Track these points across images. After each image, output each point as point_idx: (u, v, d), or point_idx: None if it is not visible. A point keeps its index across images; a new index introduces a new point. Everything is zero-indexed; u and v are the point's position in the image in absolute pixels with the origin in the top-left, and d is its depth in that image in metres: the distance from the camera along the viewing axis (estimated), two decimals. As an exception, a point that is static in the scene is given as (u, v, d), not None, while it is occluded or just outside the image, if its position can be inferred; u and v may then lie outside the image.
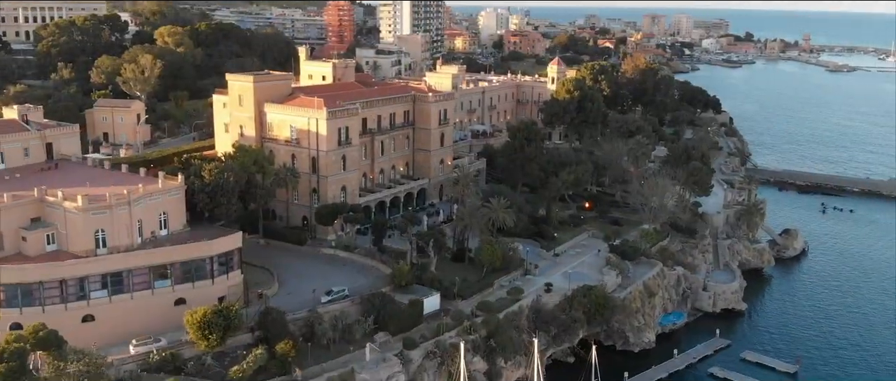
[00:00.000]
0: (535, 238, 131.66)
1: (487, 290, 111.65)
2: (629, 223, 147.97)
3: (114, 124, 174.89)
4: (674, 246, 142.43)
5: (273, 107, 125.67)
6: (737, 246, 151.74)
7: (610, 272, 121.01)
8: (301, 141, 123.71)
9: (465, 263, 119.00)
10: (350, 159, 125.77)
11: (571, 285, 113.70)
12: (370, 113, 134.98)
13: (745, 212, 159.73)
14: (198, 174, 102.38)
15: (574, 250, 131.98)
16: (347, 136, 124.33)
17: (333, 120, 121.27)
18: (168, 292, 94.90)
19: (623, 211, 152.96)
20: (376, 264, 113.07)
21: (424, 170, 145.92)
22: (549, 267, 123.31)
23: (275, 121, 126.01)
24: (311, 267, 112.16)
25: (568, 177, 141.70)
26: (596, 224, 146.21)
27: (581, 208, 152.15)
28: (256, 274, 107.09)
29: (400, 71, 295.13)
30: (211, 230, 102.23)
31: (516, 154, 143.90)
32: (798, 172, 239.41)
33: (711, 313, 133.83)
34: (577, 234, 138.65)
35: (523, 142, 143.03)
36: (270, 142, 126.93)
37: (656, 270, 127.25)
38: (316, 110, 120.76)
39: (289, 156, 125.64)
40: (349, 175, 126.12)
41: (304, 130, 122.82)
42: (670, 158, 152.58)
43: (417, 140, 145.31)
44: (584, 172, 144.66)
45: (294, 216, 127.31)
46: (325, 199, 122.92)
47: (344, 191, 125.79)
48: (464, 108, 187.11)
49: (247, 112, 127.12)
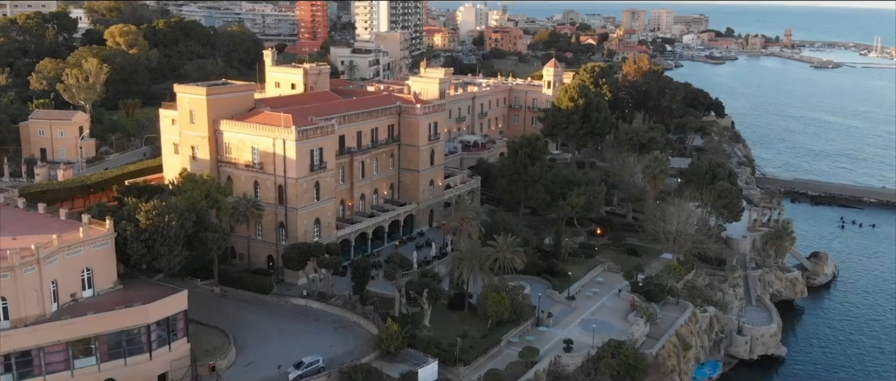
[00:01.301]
0: (543, 276, 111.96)
1: (494, 350, 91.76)
2: (647, 252, 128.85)
3: (52, 139, 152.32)
4: (701, 280, 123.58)
5: (231, 125, 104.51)
6: (768, 277, 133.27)
7: (637, 321, 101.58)
8: (265, 166, 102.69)
9: (465, 310, 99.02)
10: (324, 187, 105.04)
11: (594, 340, 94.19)
12: (348, 130, 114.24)
13: (773, 236, 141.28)
14: (131, 218, 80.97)
15: (590, 289, 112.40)
16: (321, 159, 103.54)
17: (304, 141, 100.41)
18: (92, 374, 73.90)
19: (638, 236, 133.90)
20: (357, 319, 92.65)
21: (412, 193, 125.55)
22: (564, 314, 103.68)
23: (233, 141, 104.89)
24: (277, 324, 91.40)
25: (578, 200, 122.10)
26: (610, 253, 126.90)
27: (591, 234, 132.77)
28: (208, 337, 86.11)
29: (378, 71, 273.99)
30: (150, 288, 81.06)
31: (518, 175, 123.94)
32: (810, 181, 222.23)
33: (748, 361, 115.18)
34: (591, 267, 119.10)
35: (526, 160, 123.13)
36: (228, 166, 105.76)
37: (687, 314, 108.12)
38: (283, 129, 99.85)
39: (250, 183, 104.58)
40: (323, 206, 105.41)
41: (268, 153, 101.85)
42: (693, 176, 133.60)
43: (404, 159, 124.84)
44: (596, 193, 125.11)
45: (257, 255, 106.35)
46: (294, 235, 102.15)
47: (317, 224, 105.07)
48: (452, 116, 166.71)
49: (199, 131, 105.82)
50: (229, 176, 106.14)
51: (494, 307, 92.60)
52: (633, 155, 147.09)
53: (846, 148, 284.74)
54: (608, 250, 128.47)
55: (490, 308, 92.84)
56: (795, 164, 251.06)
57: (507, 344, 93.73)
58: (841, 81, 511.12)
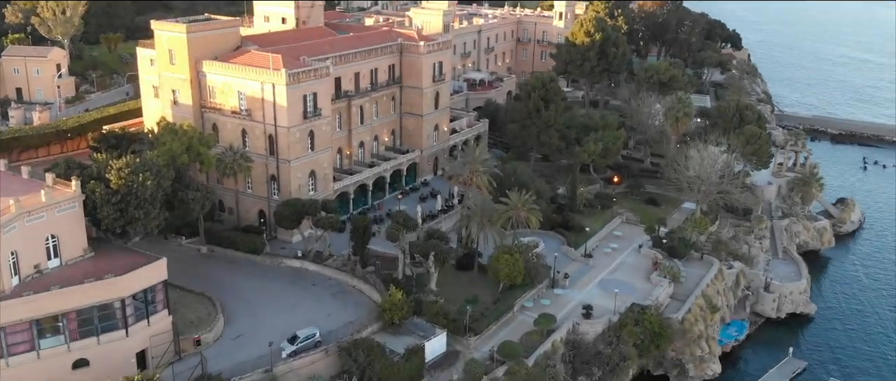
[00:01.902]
0: (558, 230, 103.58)
1: (507, 315, 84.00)
2: (667, 202, 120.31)
3: (28, 78, 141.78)
4: (725, 232, 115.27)
5: (215, 66, 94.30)
6: (795, 227, 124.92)
7: (661, 281, 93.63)
8: (254, 113, 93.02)
9: (474, 271, 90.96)
10: (320, 136, 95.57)
11: (616, 305, 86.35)
12: (345, 71, 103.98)
13: (800, 182, 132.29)
14: (101, 177, 71.79)
15: (608, 245, 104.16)
16: (316, 105, 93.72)
17: (296, 85, 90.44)
18: (61, 354, 66.09)
19: (657, 183, 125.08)
20: (358, 283, 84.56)
21: (415, 140, 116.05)
22: (581, 273, 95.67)
23: (218, 85, 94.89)
24: (269, 289, 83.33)
25: (595, 147, 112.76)
26: (628, 203, 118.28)
27: (607, 181, 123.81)
28: (193, 306, 78.14)
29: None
30: (125, 255, 72.53)
31: (531, 120, 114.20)
32: (830, 118, 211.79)
33: (775, 319, 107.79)
34: (609, 219, 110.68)
35: (539, 103, 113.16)
36: (213, 112, 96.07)
37: (714, 271, 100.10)
38: (272, 72, 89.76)
39: (238, 132, 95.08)
40: (319, 156, 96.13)
41: (256, 99, 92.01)
42: (718, 119, 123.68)
43: (406, 102, 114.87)
44: (614, 139, 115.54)
45: (247, 210, 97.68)
46: (287, 189, 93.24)
47: (313, 177, 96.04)
48: (457, 51, 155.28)
49: (180, 72, 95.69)
50: (214, 124, 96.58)
51: (507, 271, 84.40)
52: (652, 95, 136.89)
53: (866, 83, 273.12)
54: (626, 199, 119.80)
55: (502, 271, 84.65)
56: (814, 100, 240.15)
57: (520, 309, 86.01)
58: (858, 9, 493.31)
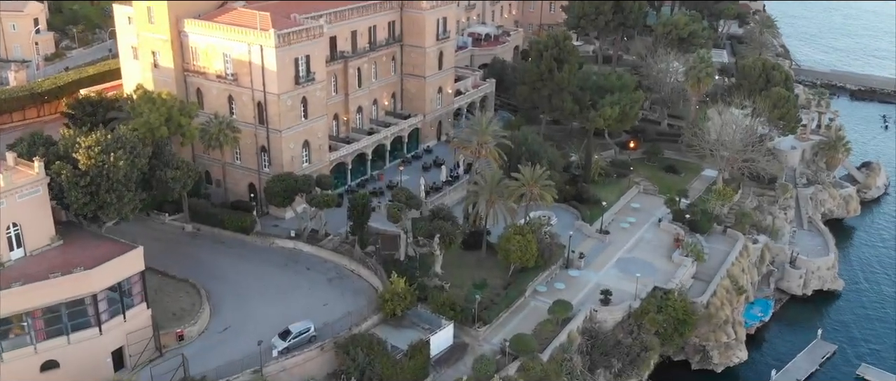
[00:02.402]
0: (571, 203, 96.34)
1: (519, 302, 77.33)
2: (686, 168, 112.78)
3: (4, 34, 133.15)
4: (748, 202, 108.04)
5: (198, 25, 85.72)
6: (821, 195, 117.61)
7: (684, 261, 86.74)
8: (240, 77, 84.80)
9: (482, 251, 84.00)
10: (314, 102, 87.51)
11: (637, 289, 79.60)
12: (341, 29, 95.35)
13: (826, 146, 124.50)
14: (68, 157, 64.14)
15: (625, 219, 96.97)
16: (308, 69, 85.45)
17: (286, 47, 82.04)
18: (27, 356, 59.49)
19: (675, 148, 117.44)
20: (356, 267, 77.66)
21: (417, 103, 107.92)
22: (597, 251, 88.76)
23: (201, 46, 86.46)
24: (259, 274, 76.45)
25: (611, 111, 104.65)
26: (645, 171, 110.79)
27: (623, 146, 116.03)
28: (176, 295, 71.42)
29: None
30: (98, 243, 65.35)
31: (542, 81, 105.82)
32: (848, 73, 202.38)
33: (801, 297, 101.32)
34: (625, 190, 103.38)
35: (552, 63, 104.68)
36: (197, 76, 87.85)
37: (738, 247, 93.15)
38: (259, 33, 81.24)
39: (224, 98, 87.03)
40: (313, 125, 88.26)
41: (243, 62, 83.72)
42: (743, 80, 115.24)
43: (407, 63, 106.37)
44: (632, 102, 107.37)
45: (236, 183, 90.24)
46: (278, 161, 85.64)
47: (306, 147, 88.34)
48: (460, 4, 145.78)
49: (160, 32, 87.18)
50: (198, 88, 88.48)
51: (518, 254, 77.35)
52: (670, 51, 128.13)
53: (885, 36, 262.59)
54: (643, 166, 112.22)
55: (513, 254, 77.61)
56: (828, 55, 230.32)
57: (532, 294, 79.30)
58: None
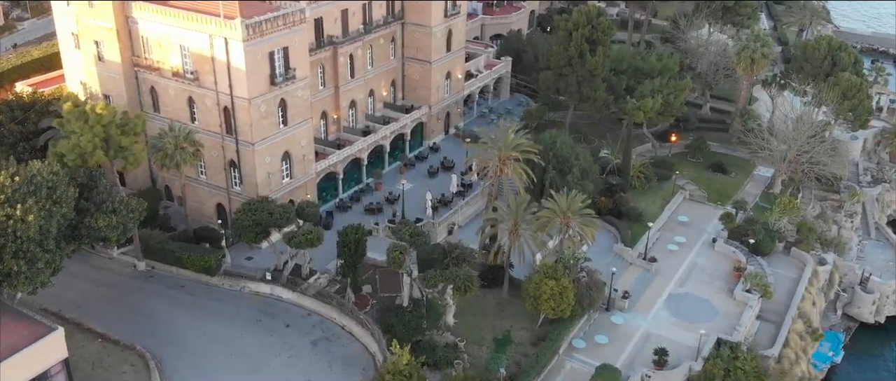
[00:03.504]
0: (606, 218, 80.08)
1: (552, 363, 61.80)
2: (736, 166, 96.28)
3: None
4: (810, 209, 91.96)
5: (148, 10, 68.17)
6: (888, 196, 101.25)
7: (749, 299, 70.90)
8: (202, 76, 67.69)
9: (504, 290, 68.17)
10: (295, 105, 70.50)
11: (700, 343, 63.95)
12: (329, 9, 77.66)
13: (890, 134, 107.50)
14: (-46, 209, 47.49)
15: (672, 237, 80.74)
16: (287, 64, 68.20)
17: (257, 41, 64.73)
18: None
19: (722, 138, 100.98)
20: (348, 322, 61.85)
21: (421, 93, 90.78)
22: (643, 284, 72.89)
23: (153, 36, 69.14)
24: (224, 338, 60.39)
25: (653, 102, 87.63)
26: (690, 170, 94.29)
27: (660, 137, 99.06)
28: (119, 367, 55.93)
29: None
30: (8, 321, 49.27)
31: (571, 66, 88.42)
32: (892, 35, 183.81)
33: (872, 325, 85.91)
34: (668, 197, 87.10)
35: (583, 45, 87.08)
36: (150, 72, 70.70)
37: (807, 274, 77.32)
38: (222, 22, 63.86)
39: (183, 99, 70.05)
40: (295, 132, 71.41)
41: (205, 58, 66.52)
42: (804, 63, 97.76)
43: (409, 45, 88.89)
44: (677, 90, 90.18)
45: (202, 202, 73.85)
46: (251, 180, 69.10)
47: (287, 160, 71.70)
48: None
49: (103, 19, 69.70)
50: (152, 87, 71.48)
51: (551, 304, 61.42)
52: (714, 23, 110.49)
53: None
54: (685, 164, 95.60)
55: (545, 304, 61.72)
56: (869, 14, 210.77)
57: (568, 351, 63.74)
58: None
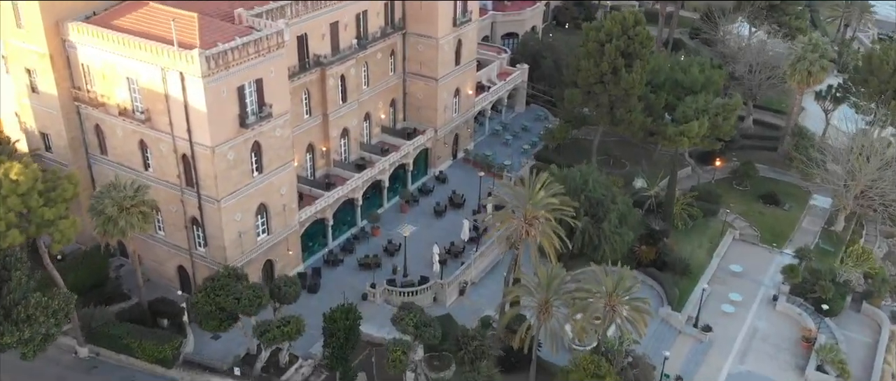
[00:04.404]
0: (647, 271, 67.31)
1: None
2: (789, 194, 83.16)
3: None
4: (877, 249, 78.84)
5: (88, 34, 54.76)
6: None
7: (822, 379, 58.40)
8: (155, 117, 54.47)
9: (531, 377, 55.57)
10: (272, 147, 57.31)
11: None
12: (315, 23, 64.10)
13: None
14: None
15: (725, 293, 67.82)
16: (261, 102, 54.87)
17: (222, 74, 51.34)
18: None
19: (770, 158, 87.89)
20: (338, 433, 49.44)
21: (426, 113, 77.43)
22: (696, 360, 60.28)
23: (95, 65, 55.83)
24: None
25: (699, 128, 74.22)
26: (737, 202, 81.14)
27: (701, 160, 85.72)
28: None
29: None
30: None
31: (603, 84, 74.73)
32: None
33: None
34: (717, 239, 74.12)
35: (617, 58, 73.24)
36: (94, 108, 57.45)
37: (885, 337, 64.60)
38: (176, 52, 50.40)
39: (133, 142, 56.93)
40: (272, 180, 58.31)
41: (157, 94, 53.27)
42: (868, 76, 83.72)
43: (412, 59, 75.42)
44: (726, 110, 76.62)
45: (160, 263, 61.05)
46: (217, 243, 56.14)
47: (262, 214, 58.69)
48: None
49: (35, 42, 56.34)
50: (98, 125, 58.38)
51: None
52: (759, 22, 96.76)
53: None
54: (731, 193, 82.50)
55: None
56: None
57: (611, 462, 51.28)
58: None
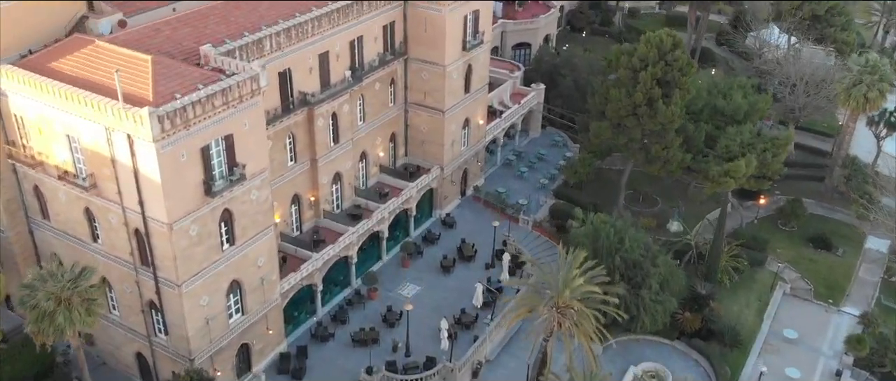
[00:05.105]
0: (692, 341, 57.66)
1: None
2: (840, 234, 73.15)
3: None
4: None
5: (18, 79, 44.67)
6: None
7: None
8: (100, 182, 44.56)
9: None
10: (247, 215, 47.29)
11: None
12: (301, 56, 53.89)
13: None
14: None
15: (781, 366, 58.08)
16: (231, 162, 44.87)
17: (180, 135, 41.27)
18: None
19: (814, 188, 77.99)
20: None
21: (431, 149, 67.35)
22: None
23: (29, 117, 45.83)
24: None
25: (746, 166, 64.23)
26: (785, 247, 71.19)
27: (745, 196, 75.56)
28: None
29: None
30: None
31: (636, 117, 64.39)
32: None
33: None
34: (766, 295, 64.41)
35: (653, 90, 62.89)
36: (33, 167, 47.48)
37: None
38: (121, 110, 40.29)
39: (78, 210, 47.01)
40: (247, 252, 48.38)
41: (102, 157, 43.35)
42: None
43: (415, 88, 65.26)
44: (776, 147, 66.49)
45: (116, 347, 51.37)
46: (179, 332, 46.35)
47: (236, 291, 48.86)
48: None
49: (-45, 87, 46.47)
50: (37, 187, 48.48)
51: None
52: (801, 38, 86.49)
53: None
54: (777, 234, 72.57)
55: None
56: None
57: None
58: None
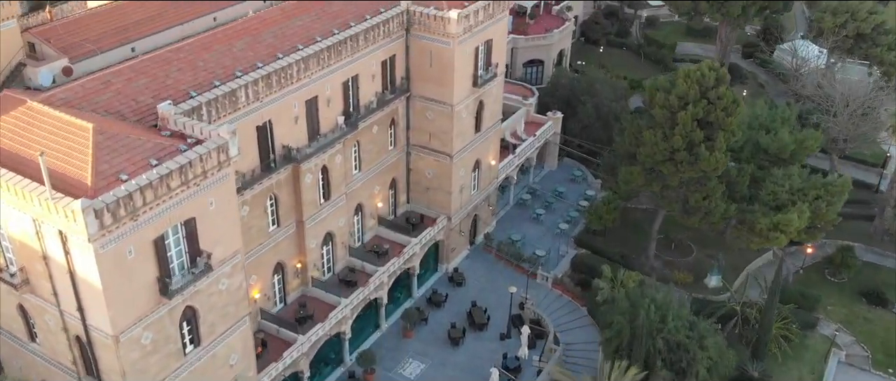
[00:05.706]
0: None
1: None
2: (892, 285, 65.07)
3: None
4: None
5: (-68, 147, 36.28)
6: None
7: None
8: (35, 281, 36.12)
9: None
10: (215, 309, 38.93)
11: None
12: (282, 107, 45.37)
13: None
14: None
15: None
16: (194, 253, 36.41)
17: (125, 230, 32.77)
18: None
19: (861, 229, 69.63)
20: None
21: (437, 196, 58.84)
22: None
23: (-54, 195, 37.44)
24: None
25: (799, 219, 55.86)
26: (837, 304, 63.00)
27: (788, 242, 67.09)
28: None
29: None
30: None
31: (673, 163, 55.80)
32: None
33: None
34: (818, 362, 56.31)
35: (694, 132, 54.27)
36: (-45, 249, 39.14)
37: None
38: (48, 199, 31.79)
39: (12, 306, 38.64)
40: (216, 351, 40.05)
41: (32, 251, 34.88)
42: None
43: (419, 129, 56.67)
44: (830, 195, 58.08)
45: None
46: (140, 450, 38.29)
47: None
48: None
49: None
50: (-38, 274, 40.10)
51: None
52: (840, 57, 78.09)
53: None
54: (826, 286, 64.40)
55: None
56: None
57: None
58: None
